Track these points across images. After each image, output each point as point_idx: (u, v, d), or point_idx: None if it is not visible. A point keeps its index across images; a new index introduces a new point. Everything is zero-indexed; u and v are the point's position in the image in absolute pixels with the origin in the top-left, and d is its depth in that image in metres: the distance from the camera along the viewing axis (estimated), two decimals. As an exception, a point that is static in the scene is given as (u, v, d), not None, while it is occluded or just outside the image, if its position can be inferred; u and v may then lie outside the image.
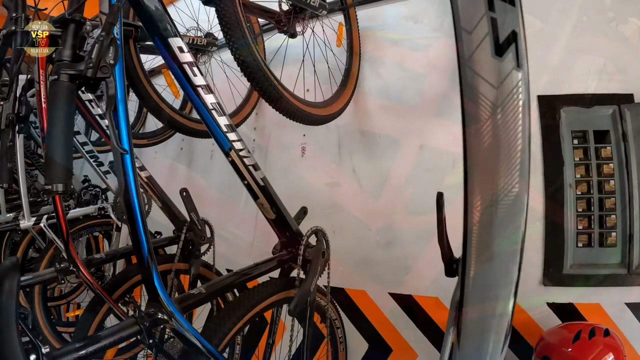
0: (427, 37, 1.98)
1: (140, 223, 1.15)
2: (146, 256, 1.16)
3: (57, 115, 0.89)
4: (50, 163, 0.88)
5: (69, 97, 0.91)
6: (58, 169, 0.88)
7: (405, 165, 1.92)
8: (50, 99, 0.90)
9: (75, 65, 0.91)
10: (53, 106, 0.90)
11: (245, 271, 1.48)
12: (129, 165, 1.13)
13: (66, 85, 0.90)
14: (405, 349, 1.88)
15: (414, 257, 1.87)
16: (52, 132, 0.89)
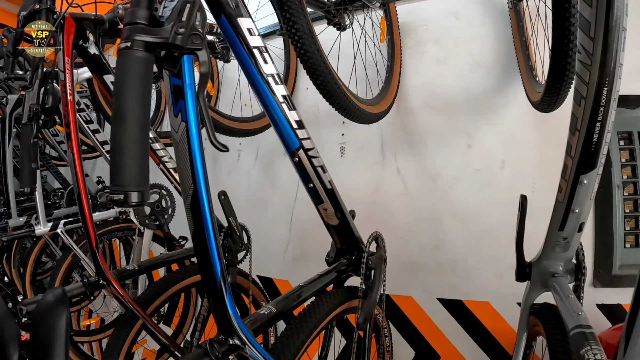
0: (470, 34, 1.76)
1: (212, 237, 0.87)
2: (218, 277, 0.89)
3: (130, 96, 0.60)
4: (121, 163, 0.59)
5: (146, 72, 0.62)
6: (132, 172, 0.59)
7: (452, 165, 1.70)
8: (119, 75, 0.61)
9: (156, 31, 0.62)
10: (123, 85, 0.61)
11: (309, 284, 1.21)
12: (199, 166, 0.85)
13: (143, 56, 0.61)
14: (453, 355, 1.67)
15: (463, 261, 1.66)
16: (121, 120, 0.60)
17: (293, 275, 1.95)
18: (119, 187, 0.59)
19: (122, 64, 0.61)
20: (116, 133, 0.59)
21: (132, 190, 0.59)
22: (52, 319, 0.69)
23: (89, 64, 1.43)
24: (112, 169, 0.60)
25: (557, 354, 0.93)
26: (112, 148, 0.60)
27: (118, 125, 0.60)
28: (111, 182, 0.60)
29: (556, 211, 1.08)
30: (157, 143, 1.50)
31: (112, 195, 0.59)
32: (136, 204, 0.59)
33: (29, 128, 1.19)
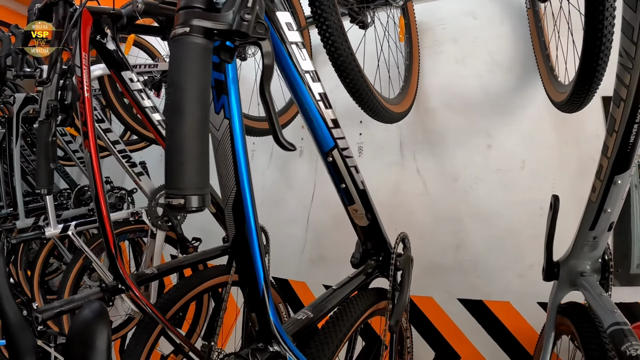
0: (488, 33, 1.71)
1: (256, 242, 0.79)
2: (262, 285, 0.81)
3: (189, 88, 0.51)
4: (179, 164, 0.51)
5: (206, 60, 0.53)
6: (192, 173, 0.51)
7: (472, 166, 1.64)
8: (175, 64, 0.52)
9: (217, 17, 0.54)
10: (181, 75, 0.52)
11: (342, 287, 1.14)
12: (243, 166, 0.77)
13: (202, 43, 0.52)
14: (473, 355, 1.62)
15: (484, 261, 1.60)
16: (179, 116, 0.51)
17: (310, 277, 1.88)
18: (178, 190, 0.50)
19: (179, 52, 0.52)
20: (174, 130, 0.51)
21: (193, 193, 0.51)
22: (92, 338, 0.59)
23: (106, 60, 1.33)
24: (168, 170, 0.51)
25: (592, 352, 0.90)
26: (169, 147, 0.51)
27: (176, 121, 0.51)
28: (167, 185, 0.51)
29: (588, 211, 1.04)
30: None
31: (170, 200, 0.51)
32: (196, 209, 0.51)
33: (46, 126, 1.09)
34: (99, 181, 1.26)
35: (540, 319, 1.53)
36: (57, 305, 1.18)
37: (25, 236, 1.84)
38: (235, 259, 0.83)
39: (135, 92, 1.34)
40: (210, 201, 1.51)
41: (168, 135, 0.51)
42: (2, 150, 2.26)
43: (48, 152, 1.08)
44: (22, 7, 2.96)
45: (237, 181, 0.76)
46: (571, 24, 1.41)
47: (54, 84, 1.07)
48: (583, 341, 0.95)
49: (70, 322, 0.58)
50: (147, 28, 1.49)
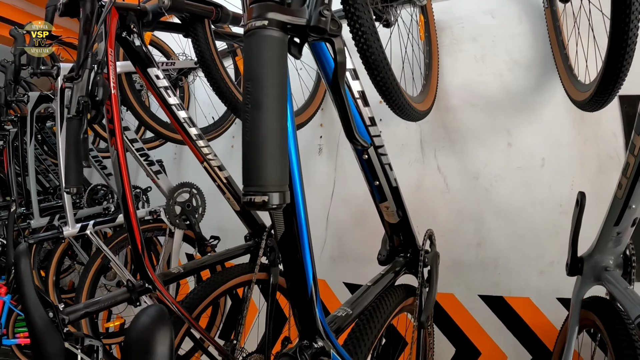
0: (506, 32, 1.70)
1: (307, 242, 0.77)
2: (310, 284, 0.79)
3: (268, 82, 0.49)
4: (260, 160, 0.49)
5: (283, 54, 0.51)
6: (273, 170, 0.49)
7: (493, 164, 1.63)
8: (253, 57, 0.50)
9: (293, 11, 0.52)
10: (260, 68, 0.50)
11: (376, 284, 1.14)
12: (295, 163, 0.75)
13: (280, 37, 0.51)
14: (494, 351, 1.61)
15: (505, 258, 1.60)
16: (259, 110, 0.49)
17: (330, 275, 1.86)
18: (258, 187, 0.48)
19: (256, 45, 0.50)
20: (254, 124, 0.49)
21: (274, 190, 0.49)
22: (153, 344, 0.55)
23: (131, 57, 1.30)
24: (248, 167, 0.49)
25: (620, 342, 0.92)
26: (249, 143, 0.49)
27: (256, 117, 0.49)
28: (247, 182, 0.49)
29: (614, 207, 1.03)
30: (202, 140, 1.38)
31: (252, 197, 0.49)
32: (277, 207, 0.49)
33: (77, 122, 1.05)
34: (126, 180, 1.23)
35: (560, 314, 1.53)
36: (83, 306, 1.15)
37: (43, 236, 1.80)
38: (283, 257, 0.82)
39: (162, 89, 1.31)
40: (235, 199, 1.49)
41: (248, 131, 0.49)
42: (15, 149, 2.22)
43: (79, 150, 1.05)
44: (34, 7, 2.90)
45: (290, 179, 0.74)
46: (592, 23, 1.40)
47: (85, 79, 1.04)
48: (610, 333, 0.96)
49: (129, 327, 0.54)
50: (170, 25, 1.46)
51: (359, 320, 1.03)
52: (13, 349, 2.12)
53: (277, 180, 0.49)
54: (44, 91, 2.01)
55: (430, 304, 1.22)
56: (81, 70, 1.04)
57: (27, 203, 2.08)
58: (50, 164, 2.65)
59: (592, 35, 1.41)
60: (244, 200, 0.49)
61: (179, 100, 1.34)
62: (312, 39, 0.56)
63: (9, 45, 1.85)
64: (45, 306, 1.00)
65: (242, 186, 0.49)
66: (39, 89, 2.09)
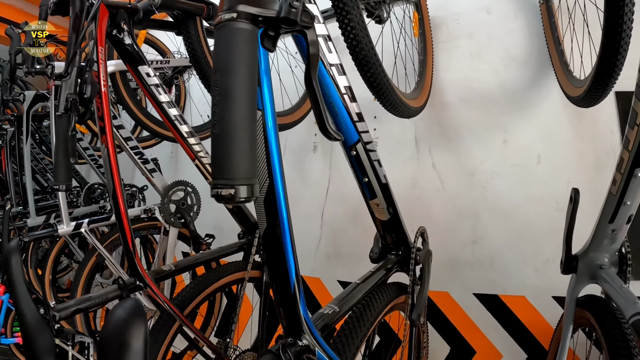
0: (502, 28, 1.68)
1: (288, 237, 0.77)
2: (293, 280, 0.79)
3: (238, 74, 0.49)
4: (228, 152, 0.49)
5: (254, 46, 0.51)
6: (242, 162, 0.49)
7: (489, 160, 1.62)
8: (222, 49, 0.50)
9: (263, 3, 0.51)
10: (229, 60, 0.49)
11: (366, 281, 1.13)
12: (276, 158, 0.74)
13: (249, 29, 0.50)
14: (489, 350, 1.59)
15: (501, 256, 1.58)
16: (228, 101, 0.49)
17: (325, 273, 1.85)
18: (226, 180, 0.48)
19: (226, 37, 0.50)
20: (223, 116, 0.48)
21: (242, 183, 0.48)
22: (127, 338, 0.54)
23: (122, 55, 1.30)
24: (217, 159, 0.48)
25: (615, 342, 0.91)
26: (218, 135, 0.48)
27: (225, 107, 0.48)
28: (215, 175, 0.49)
29: (608, 203, 1.02)
30: (193, 137, 1.38)
31: (219, 190, 0.48)
32: (245, 199, 0.48)
33: (66, 120, 1.05)
34: (116, 178, 1.23)
35: (555, 313, 1.51)
36: (74, 303, 1.15)
37: (38, 234, 1.81)
38: (265, 253, 0.81)
39: (152, 87, 1.31)
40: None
41: (216, 123, 0.49)
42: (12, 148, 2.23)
43: (67, 147, 1.05)
44: (30, 6, 2.92)
45: (270, 174, 0.74)
46: (587, 19, 1.39)
47: (73, 77, 1.04)
48: (605, 332, 0.95)
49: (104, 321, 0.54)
50: (162, 23, 1.46)
51: (348, 318, 1.02)
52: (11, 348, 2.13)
53: (245, 172, 0.48)
54: (40, 90, 2.02)
55: (422, 302, 1.21)
56: (70, 68, 1.04)
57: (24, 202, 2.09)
58: (48, 163, 2.67)
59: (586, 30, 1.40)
60: (212, 193, 0.48)
61: (170, 97, 1.34)
62: (283, 30, 0.56)
63: (6, 45, 1.86)
64: (36, 303, 1.00)
65: (211, 179, 0.48)
66: (35, 88, 2.10)
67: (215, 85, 0.49)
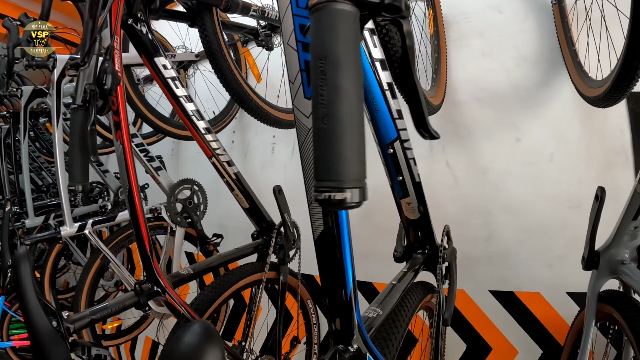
0: (514, 28, 1.65)
1: (348, 241, 0.70)
2: (350, 285, 0.71)
3: (346, 62, 0.41)
4: (337, 151, 0.41)
5: (357, 31, 0.43)
6: (353, 162, 0.41)
7: (501, 158, 1.59)
8: (326, 34, 0.42)
9: None
10: (336, 47, 0.41)
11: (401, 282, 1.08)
12: None
13: (353, 12, 0.43)
14: (505, 346, 1.57)
15: (515, 253, 1.56)
16: (336, 94, 0.41)
17: (337, 272, 1.78)
18: (335, 182, 0.40)
19: (328, 20, 0.42)
20: (334, 110, 0.40)
21: (354, 186, 0.41)
22: None
23: (137, 45, 1.19)
24: (324, 159, 0.40)
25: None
26: (325, 131, 0.40)
27: (336, 99, 0.41)
28: (322, 177, 0.41)
29: (633, 201, 1.02)
30: (210, 134, 1.28)
31: (329, 194, 0.40)
32: (356, 204, 0.41)
33: (82, 113, 0.93)
34: (133, 177, 1.13)
35: (569, 308, 1.49)
36: (89, 313, 1.05)
37: (39, 236, 1.67)
38: (320, 258, 0.74)
39: (169, 80, 1.21)
40: (244, 195, 1.40)
41: (325, 117, 0.41)
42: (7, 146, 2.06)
43: (85, 143, 0.94)
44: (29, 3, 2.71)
45: None
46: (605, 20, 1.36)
47: (92, 66, 0.93)
48: (630, 324, 0.95)
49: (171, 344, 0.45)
50: (175, 13, 1.36)
51: (386, 321, 0.96)
52: (8, 352, 1.99)
53: (357, 174, 0.41)
54: (37, 85, 1.87)
55: (452, 301, 1.17)
56: (87, 57, 0.93)
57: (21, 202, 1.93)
58: (44, 162, 2.49)
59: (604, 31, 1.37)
60: (319, 197, 0.40)
61: (187, 92, 1.24)
62: (381, 18, 0.48)
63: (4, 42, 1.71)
64: (49, 315, 0.90)
65: (315, 181, 0.40)
66: (32, 83, 1.94)
67: (321, 74, 0.41)
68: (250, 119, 2.28)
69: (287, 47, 0.66)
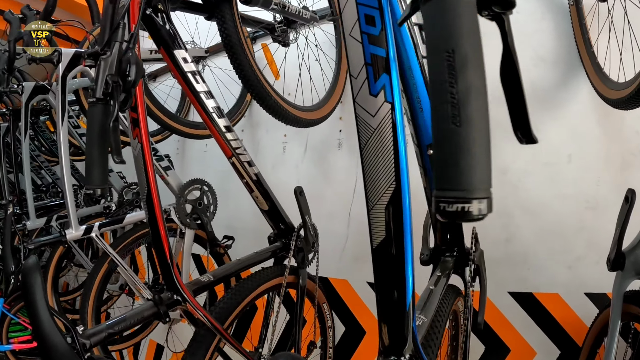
0: (530, 28, 1.61)
1: (410, 248, 0.63)
2: (410, 297, 0.65)
3: (476, 59, 0.36)
4: (469, 155, 0.34)
5: (478, 25, 0.37)
6: (483, 168, 0.35)
7: (520, 159, 1.55)
8: (446, 24, 0.37)
9: None
10: (459, 40, 0.39)
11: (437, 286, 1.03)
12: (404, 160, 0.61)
13: (472, 2, 0.41)
14: (523, 347, 1.53)
15: (534, 254, 1.52)
16: (477, 96, 0.37)
17: (353, 275, 1.71)
18: (465, 192, 0.34)
19: (453, 8, 0.37)
20: (470, 112, 0.35)
21: (481, 196, 0.35)
22: None
23: (155, 37, 1.10)
24: (453, 166, 0.35)
25: None
26: (459, 133, 0.36)
27: (472, 100, 0.35)
28: (448, 185, 0.35)
29: None
30: (230, 132, 1.20)
31: (462, 206, 0.34)
32: (482, 217, 0.36)
33: (102, 108, 0.82)
34: (152, 178, 1.04)
35: (587, 309, 1.46)
36: (106, 327, 0.95)
37: (44, 240, 1.54)
38: (377, 266, 0.67)
39: (189, 74, 1.11)
40: (264, 197, 1.31)
41: (454, 119, 0.35)
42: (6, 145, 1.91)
43: (105, 141, 0.84)
44: None
45: (397, 178, 0.60)
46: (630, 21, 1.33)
47: (115, 54, 0.83)
48: None
49: None
50: (193, 5, 1.27)
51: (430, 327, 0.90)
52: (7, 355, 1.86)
53: (485, 183, 0.36)
54: (39, 81, 1.73)
55: (484, 304, 1.12)
56: (108, 45, 0.83)
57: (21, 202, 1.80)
58: (44, 160, 2.34)
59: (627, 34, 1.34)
60: (448, 209, 0.35)
61: (207, 87, 1.15)
62: (485, 13, 0.43)
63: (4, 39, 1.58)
64: (62, 330, 0.81)
65: (438, 190, 0.34)
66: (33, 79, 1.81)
67: (449, 70, 0.35)
68: (260, 117, 2.21)
69: (350, 38, 0.59)
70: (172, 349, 1.73)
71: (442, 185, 0.36)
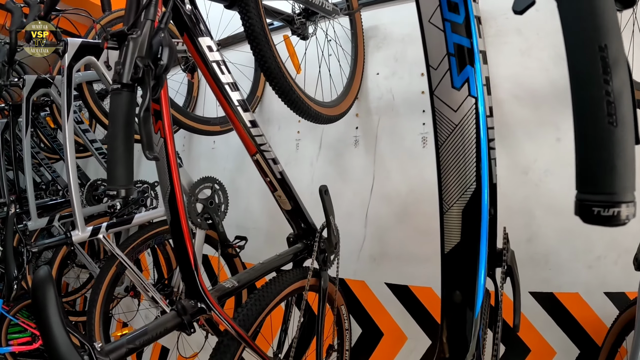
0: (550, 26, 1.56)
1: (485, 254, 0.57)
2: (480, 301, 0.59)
3: (621, 54, 0.34)
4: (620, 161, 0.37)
5: None
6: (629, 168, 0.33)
7: (542, 159, 1.51)
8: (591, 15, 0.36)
9: None
10: (606, 36, 0.35)
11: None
12: (485, 159, 0.54)
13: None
14: (543, 347, 1.51)
15: (556, 254, 1.48)
16: (622, 94, 0.36)
17: (370, 275, 1.65)
18: (614, 195, 0.31)
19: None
20: (620, 111, 0.32)
21: (628, 200, 0.31)
22: None
23: (178, 23, 1.01)
24: (597, 165, 0.32)
25: None
26: (612, 133, 0.31)
27: (622, 99, 0.32)
28: (595, 188, 0.32)
29: None
30: (256, 128, 1.12)
31: (616, 210, 0.30)
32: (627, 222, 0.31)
33: (128, 95, 0.73)
34: (175, 177, 0.95)
35: (607, 309, 1.43)
36: (126, 342, 0.86)
37: (48, 242, 1.43)
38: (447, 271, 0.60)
39: (214, 64, 1.03)
40: (287, 197, 1.24)
41: (610, 118, 0.31)
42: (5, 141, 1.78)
43: (131, 134, 0.74)
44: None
45: (477, 178, 0.53)
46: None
47: (146, 34, 0.73)
48: None
49: None
50: (213, -6, 1.18)
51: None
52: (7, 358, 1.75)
53: (634, 185, 0.31)
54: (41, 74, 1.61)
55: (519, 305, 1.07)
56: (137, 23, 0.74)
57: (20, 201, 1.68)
58: (43, 158, 2.21)
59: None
60: (604, 214, 0.30)
61: (233, 79, 1.06)
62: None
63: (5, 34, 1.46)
64: (79, 348, 0.72)
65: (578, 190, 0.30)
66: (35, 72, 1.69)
67: (603, 66, 0.31)
68: (271, 113, 2.12)
69: (429, 25, 0.52)
70: (183, 353, 1.64)
71: (588, 186, 0.32)
